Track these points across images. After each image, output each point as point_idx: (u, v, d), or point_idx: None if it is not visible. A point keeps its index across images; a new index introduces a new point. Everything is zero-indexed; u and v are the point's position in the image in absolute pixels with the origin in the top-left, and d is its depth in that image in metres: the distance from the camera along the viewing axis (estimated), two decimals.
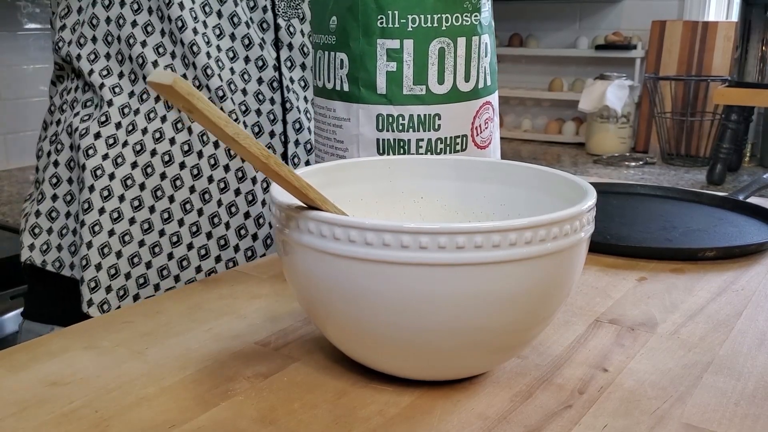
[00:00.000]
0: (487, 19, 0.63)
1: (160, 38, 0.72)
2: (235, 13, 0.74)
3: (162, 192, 0.72)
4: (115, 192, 0.72)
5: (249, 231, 0.75)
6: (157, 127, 0.73)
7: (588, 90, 4.40)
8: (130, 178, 0.72)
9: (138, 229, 0.72)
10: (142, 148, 0.72)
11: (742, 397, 0.44)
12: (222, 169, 0.74)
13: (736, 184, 3.64)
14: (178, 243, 0.73)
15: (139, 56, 0.72)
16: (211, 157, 0.73)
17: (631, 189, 0.93)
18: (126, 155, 0.72)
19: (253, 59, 0.75)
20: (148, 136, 0.72)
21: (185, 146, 0.73)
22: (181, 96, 0.36)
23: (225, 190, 0.74)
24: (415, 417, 0.41)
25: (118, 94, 0.73)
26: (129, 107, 0.73)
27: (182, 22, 0.71)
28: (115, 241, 0.72)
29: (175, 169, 0.73)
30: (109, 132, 0.72)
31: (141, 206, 0.72)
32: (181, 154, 0.73)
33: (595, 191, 0.45)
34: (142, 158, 0.73)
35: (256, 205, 0.76)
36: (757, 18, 3.57)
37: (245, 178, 0.75)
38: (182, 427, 0.40)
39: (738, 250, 0.70)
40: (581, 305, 0.58)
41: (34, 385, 0.44)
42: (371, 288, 0.40)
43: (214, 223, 0.74)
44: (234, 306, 0.57)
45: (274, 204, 0.44)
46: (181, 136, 0.73)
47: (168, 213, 0.73)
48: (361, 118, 0.61)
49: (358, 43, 0.60)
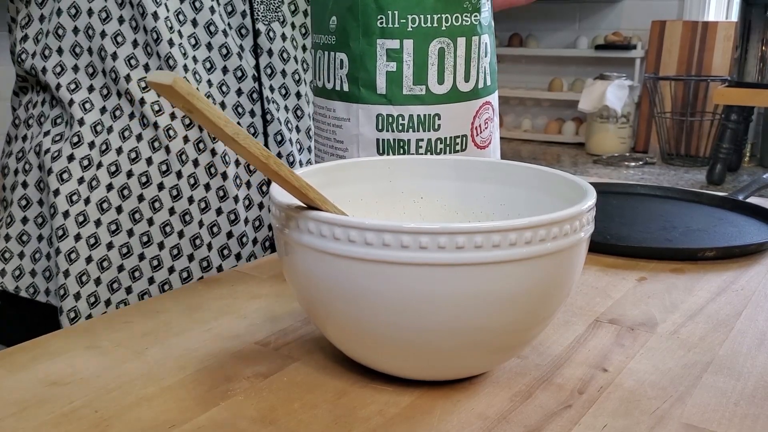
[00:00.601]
0: (486, 19, 0.63)
1: (132, 49, 0.69)
2: (211, 21, 0.71)
3: (140, 215, 0.70)
4: (91, 217, 0.69)
5: (232, 251, 0.73)
6: (133, 146, 0.69)
7: (588, 90, 4.40)
8: (106, 201, 0.69)
9: (116, 254, 0.70)
10: (117, 170, 0.69)
11: (742, 397, 0.44)
12: (202, 188, 0.71)
13: (735, 183, 3.64)
14: (159, 267, 0.71)
15: (112, 70, 0.69)
16: (191, 177, 0.71)
17: (631, 189, 0.93)
18: (101, 177, 0.69)
19: (232, 69, 0.72)
20: (123, 156, 0.69)
21: (163, 166, 0.70)
22: (181, 96, 0.36)
23: (206, 210, 0.72)
24: (415, 417, 0.41)
25: (88, 111, 0.70)
26: (102, 125, 0.70)
27: (157, 34, 0.68)
28: (93, 268, 0.69)
29: (153, 190, 0.70)
30: (82, 153, 0.69)
31: (119, 230, 0.70)
32: (159, 175, 0.70)
33: (594, 191, 0.45)
34: (117, 180, 0.69)
35: (239, 224, 0.74)
36: (757, 18, 3.57)
37: (227, 197, 0.72)
38: (182, 427, 0.40)
39: (738, 250, 0.70)
40: (581, 305, 0.58)
41: (34, 385, 0.44)
42: (371, 288, 0.40)
43: (196, 245, 0.72)
44: (234, 306, 0.57)
45: (274, 204, 0.44)
46: (158, 155, 0.70)
47: (147, 236, 0.70)
48: (361, 118, 0.61)
49: (358, 43, 0.60)
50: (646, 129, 4.56)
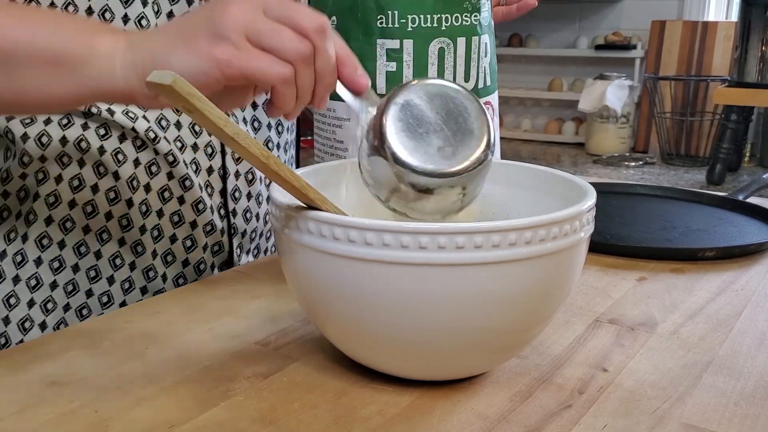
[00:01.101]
0: (486, 19, 0.63)
1: None
2: None
3: (86, 247, 0.65)
4: (30, 256, 0.64)
5: (188, 280, 0.68)
6: (75, 173, 0.63)
7: (588, 90, 4.40)
8: (46, 237, 0.64)
9: (62, 294, 0.64)
10: (56, 200, 0.63)
11: (742, 397, 0.44)
12: (155, 215, 0.66)
13: (735, 184, 3.64)
14: (109, 303, 0.66)
15: None
16: (142, 204, 0.65)
17: (631, 189, 0.93)
18: (38, 210, 0.63)
19: None
20: (64, 184, 0.63)
21: (111, 193, 0.64)
22: (180, 96, 0.36)
23: (159, 238, 0.66)
24: (415, 417, 0.41)
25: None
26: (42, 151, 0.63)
27: None
28: (36, 312, 0.64)
29: (101, 220, 0.64)
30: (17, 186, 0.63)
31: (62, 267, 0.64)
32: (106, 203, 0.64)
33: (594, 191, 0.45)
34: (58, 212, 0.63)
35: (196, 250, 0.68)
36: (757, 18, 3.57)
37: (182, 222, 0.67)
38: (182, 427, 0.40)
39: (738, 250, 0.70)
40: (581, 305, 0.58)
41: (34, 385, 0.44)
42: (371, 288, 0.40)
43: (149, 277, 0.66)
44: (234, 306, 0.57)
45: (274, 204, 0.44)
46: (105, 181, 0.64)
47: (95, 271, 0.65)
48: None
49: (358, 43, 0.60)
50: (646, 129, 4.56)
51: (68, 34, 0.47)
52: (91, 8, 0.61)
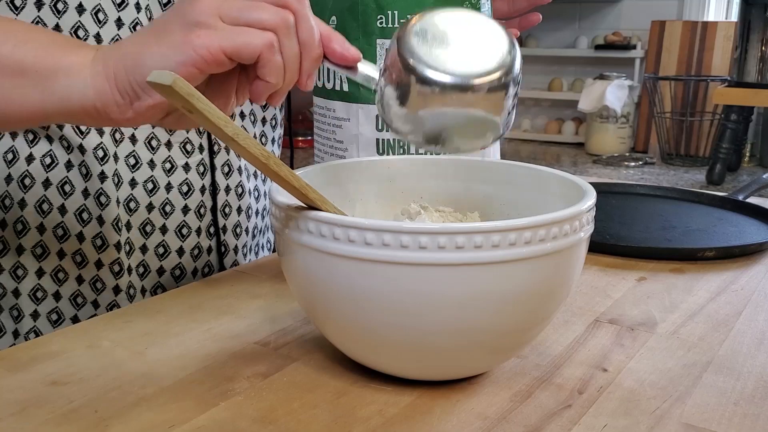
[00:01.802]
0: None
1: None
2: None
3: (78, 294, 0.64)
4: (8, 288, 0.63)
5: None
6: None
7: (587, 90, 4.40)
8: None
9: (46, 323, 0.64)
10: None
11: (742, 397, 0.44)
12: (139, 251, 0.65)
13: (735, 184, 3.64)
14: None
15: None
16: (126, 244, 0.64)
17: (631, 189, 0.93)
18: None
19: None
20: None
21: (98, 240, 0.63)
22: (180, 96, 0.36)
23: (146, 275, 0.65)
24: (414, 417, 0.41)
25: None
26: None
27: None
28: None
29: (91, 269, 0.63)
30: None
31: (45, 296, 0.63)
32: (94, 251, 0.63)
33: (594, 191, 0.45)
34: None
35: (186, 277, 0.67)
36: (757, 18, 3.57)
37: (168, 252, 0.66)
38: (182, 427, 0.40)
39: (737, 250, 0.70)
40: (581, 305, 0.58)
41: (34, 385, 0.44)
42: (371, 288, 0.40)
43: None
44: (234, 306, 0.57)
45: (274, 204, 0.44)
46: None
47: (77, 302, 0.64)
48: (361, 118, 0.61)
49: (358, 43, 0.60)
50: (646, 129, 4.56)
51: (37, 46, 0.45)
52: (83, 5, 0.60)
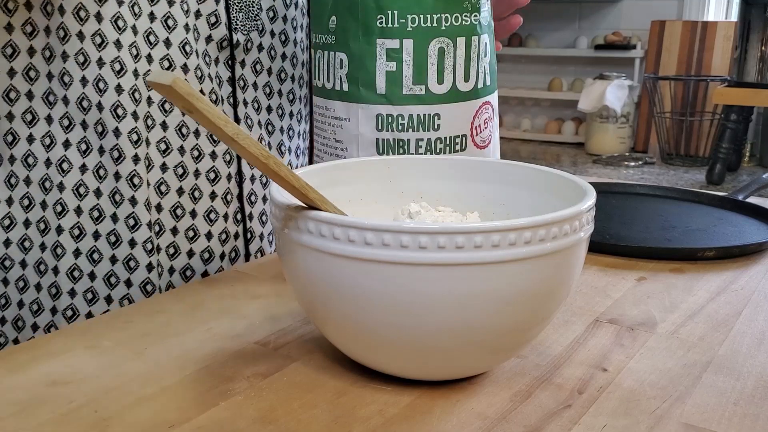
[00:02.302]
0: (486, 19, 0.63)
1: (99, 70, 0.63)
2: (186, 41, 0.65)
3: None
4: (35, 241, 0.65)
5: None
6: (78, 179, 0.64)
7: (587, 90, 4.41)
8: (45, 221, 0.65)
9: (83, 303, 0.65)
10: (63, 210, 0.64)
11: (742, 397, 0.44)
12: (169, 233, 0.66)
13: (735, 183, 3.65)
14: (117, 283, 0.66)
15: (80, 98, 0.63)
16: (155, 224, 0.66)
17: (631, 189, 0.93)
18: None
19: (207, 93, 0.66)
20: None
21: (131, 221, 0.65)
22: (180, 96, 0.36)
23: (176, 255, 0.67)
24: (414, 417, 0.41)
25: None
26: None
27: (120, 64, 0.63)
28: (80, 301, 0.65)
29: None
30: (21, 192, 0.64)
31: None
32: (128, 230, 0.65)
33: (594, 191, 0.45)
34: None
35: (214, 260, 0.69)
36: (757, 18, 3.57)
37: (197, 236, 0.68)
38: (182, 427, 0.40)
39: (737, 250, 0.70)
40: (581, 305, 0.58)
41: (34, 385, 0.44)
42: (371, 288, 0.40)
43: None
44: (234, 306, 0.57)
45: (274, 204, 0.44)
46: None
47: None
48: (361, 118, 0.61)
49: (358, 43, 0.60)
50: (646, 129, 4.57)
51: None
52: (63, 7, 0.61)
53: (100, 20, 0.62)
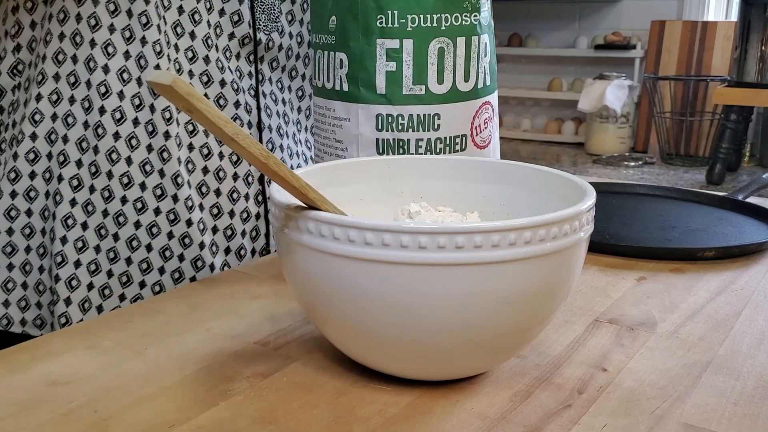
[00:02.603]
0: (486, 19, 0.63)
1: (124, 62, 0.67)
2: (208, 35, 0.70)
3: (138, 241, 0.69)
4: (78, 220, 0.68)
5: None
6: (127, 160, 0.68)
7: (587, 90, 4.41)
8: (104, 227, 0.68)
9: (117, 283, 0.69)
10: (110, 195, 0.68)
11: (742, 397, 0.44)
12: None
13: (735, 183, 3.65)
14: (149, 269, 0.70)
15: (101, 84, 0.66)
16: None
17: (631, 189, 0.93)
18: (95, 202, 0.68)
19: (228, 82, 0.71)
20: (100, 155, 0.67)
21: (158, 190, 0.68)
22: (180, 96, 0.36)
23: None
24: (414, 417, 0.41)
25: (71, 126, 0.67)
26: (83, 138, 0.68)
27: (160, 46, 0.67)
28: (83, 272, 0.68)
29: (150, 215, 0.69)
30: (71, 173, 0.67)
31: (117, 258, 0.69)
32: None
33: (594, 191, 0.45)
34: (112, 203, 0.68)
35: (236, 237, 0.73)
36: (757, 18, 3.57)
37: (221, 213, 0.72)
38: (181, 426, 0.40)
39: (737, 250, 0.70)
40: (581, 305, 0.58)
41: (34, 385, 0.44)
42: (371, 288, 0.40)
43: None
44: (233, 306, 0.57)
45: (274, 204, 0.44)
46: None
47: (147, 263, 0.69)
48: (361, 117, 0.61)
49: (358, 43, 0.60)
50: (646, 129, 4.57)
51: None
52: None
53: (130, 16, 0.66)
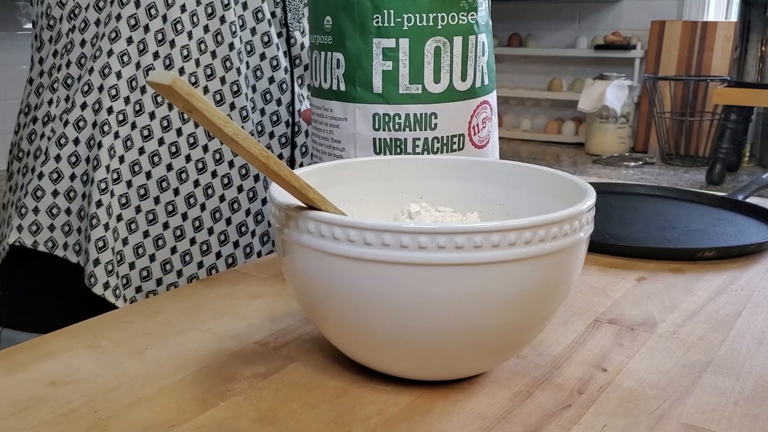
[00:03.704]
0: (484, 18, 0.63)
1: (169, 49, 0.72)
2: (259, 8, 0.76)
3: (167, 183, 0.73)
4: (124, 176, 0.71)
5: (249, 228, 0.76)
6: (165, 114, 0.72)
7: (587, 90, 4.41)
8: (138, 164, 0.72)
9: (143, 219, 0.72)
10: (150, 134, 0.72)
11: (741, 397, 0.44)
12: (227, 164, 0.74)
13: (735, 183, 3.65)
14: (182, 237, 0.73)
15: (141, 41, 0.71)
16: (216, 152, 0.74)
17: (631, 189, 0.93)
18: (135, 139, 0.72)
19: (269, 57, 0.77)
20: (156, 121, 0.72)
21: (191, 138, 0.73)
22: (180, 96, 0.36)
23: (228, 185, 0.75)
24: (414, 417, 0.41)
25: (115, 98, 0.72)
26: (136, 81, 0.72)
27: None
28: (122, 226, 0.71)
29: (181, 161, 0.73)
30: (119, 107, 0.71)
31: (147, 195, 0.72)
32: (187, 147, 0.73)
33: (594, 191, 0.45)
34: (149, 145, 0.72)
35: (256, 201, 0.77)
36: (757, 18, 3.57)
37: (248, 175, 0.76)
38: (181, 427, 0.40)
39: (737, 250, 0.70)
40: (580, 305, 0.58)
41: (34, 385, 0.44)
42: (371, 288, 0.40)
43: (215, 218, 0.75)
44: (233, 306, 0.57)
45: (274, 204, 0.44)
46: (187, 127, 0.73)
47: (172, 205, 0.73)
48: (358, 117, 0.61)
49: (354, 43, 0.60)
50: (646, 129, 4.56)
51: None
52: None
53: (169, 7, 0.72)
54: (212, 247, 0.75)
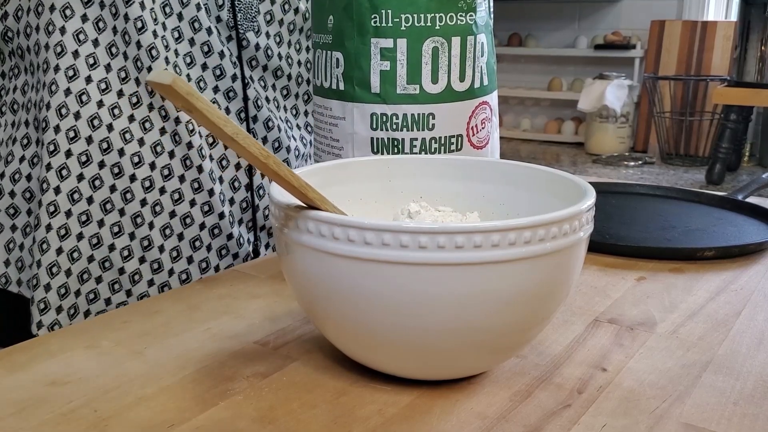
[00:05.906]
0: (483, 19, 0.63)
1: (112, 36, 0.68)
2: (196, 18, 0.71)
3: (112, 205, 0.69)
4: (62, 208, 0.68)
5: (204, 242, 0.73)
6: (105, 136, 0.68)
7: (587, 90, 4.41)
8: (77, 192, 0.68)
9: (86, 245, 0.69)
10: (88, 159, 0.68)
11: (741, 397, 0.44)
12: (177, 179, 0.71)
13: (735, 183, 3.65)
14: (129, 257, 0.71)
15: (90, 56, 0.68)
16: (165, 168, 0.70)
17: (630, 189, 0.93)
18: (71, 166, 0.68)
19: (211, 67, 0.72)
20: (93, 145, 0.68)
21: (135, 158, 0.69)
22: (180, 96, 0.36)
23: (180, 201, 0.71)
24: (414, 417, 0.41)
25: (85, 104, 0.68)
26: (87, 95, 0.68)
27: (142, 22, 0.67)
28: (63, 259, 0.68)
29: (125, 181, 0.69)
30: (80, 149, 0.68)
31: (89, 221, 0.69)
32: (131, 167, 0.69)
33: (594, 191, 0.45)
34: (89, 170, 0.68)
35: (212, 215, 0.73)
36: (757, 18, 3.58)
37: (201, 189, 0.72)
38: (181, 426, 0.40)
39: (737, 250, 0.70)
40: (580, 305, 0.58)
41: (34, 385, 0.44)
42: (370, 288, 0.40)
43: (166, 235, 0.71)
44: (233, 306, 0.57)
45: (273, 203, 0.44)
46: (130, 147, 0.69)
47: (118, 227, 0.70)
48: (356, 116, 0.61)
49: (353, 42, 0.60)
50: (646, 129, 4.57)
51: None
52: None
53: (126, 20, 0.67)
54: (164, 264, 0.72)
